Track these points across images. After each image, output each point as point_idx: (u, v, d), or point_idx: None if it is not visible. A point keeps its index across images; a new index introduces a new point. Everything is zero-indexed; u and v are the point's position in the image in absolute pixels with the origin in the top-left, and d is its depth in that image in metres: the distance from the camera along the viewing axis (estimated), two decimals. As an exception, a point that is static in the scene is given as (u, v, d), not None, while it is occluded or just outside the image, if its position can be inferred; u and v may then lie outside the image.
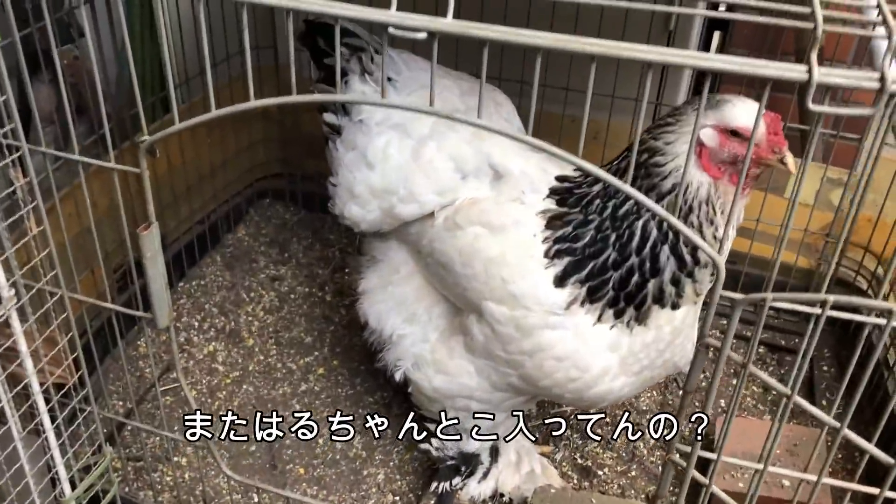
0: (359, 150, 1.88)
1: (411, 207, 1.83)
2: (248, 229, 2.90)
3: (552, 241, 1.64)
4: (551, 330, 1.64)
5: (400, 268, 1.94)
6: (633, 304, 1.60)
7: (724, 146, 1.49)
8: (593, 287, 1.61)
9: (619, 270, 1.58)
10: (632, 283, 1.58)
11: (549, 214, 1.67)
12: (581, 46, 1.00)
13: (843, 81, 0.95)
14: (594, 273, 1.60)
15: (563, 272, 1.62)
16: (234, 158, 2.74)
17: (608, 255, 1.59)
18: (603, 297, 1.61)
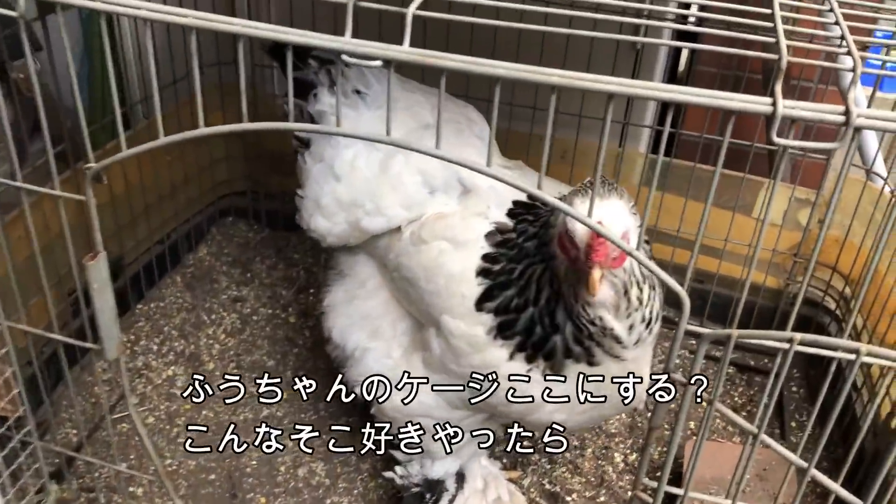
0: (326, 161, 1.86)
1: (378, 221, 1.80)
2: (210, 249, 2.83)
3: (481, 258, 1.61)
4: (498, 349, 1.60)
5: (366, 282, 1.91)
6: (541, 354, 1.55)
7: (562, 239, 1.44)
8: (503, 324, 1.57)
9: (524, 316, 1.54)
10: (536, 333, 1.54)
11: (496, 227, 1.63)
12: (541, 77, 0.97)
13: (808, 115, 0.93)
14: (500, 309, 1.57)
15: (481, 295, 1.59)
16: (195, 176, 2.67)
17: (512, 295, 1.55)
18: (512, 338, 1.57)
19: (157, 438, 2.18)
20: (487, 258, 1.60)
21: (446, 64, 0.99)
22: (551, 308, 1.50)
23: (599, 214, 1.34)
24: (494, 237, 1.64)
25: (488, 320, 1.59)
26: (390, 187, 1.78)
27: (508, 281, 1.56)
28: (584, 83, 0.96)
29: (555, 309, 1.50)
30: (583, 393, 1.57)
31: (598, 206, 1.35)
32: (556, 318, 1.51)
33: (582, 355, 1.52)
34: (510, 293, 1.55)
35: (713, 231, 2.44)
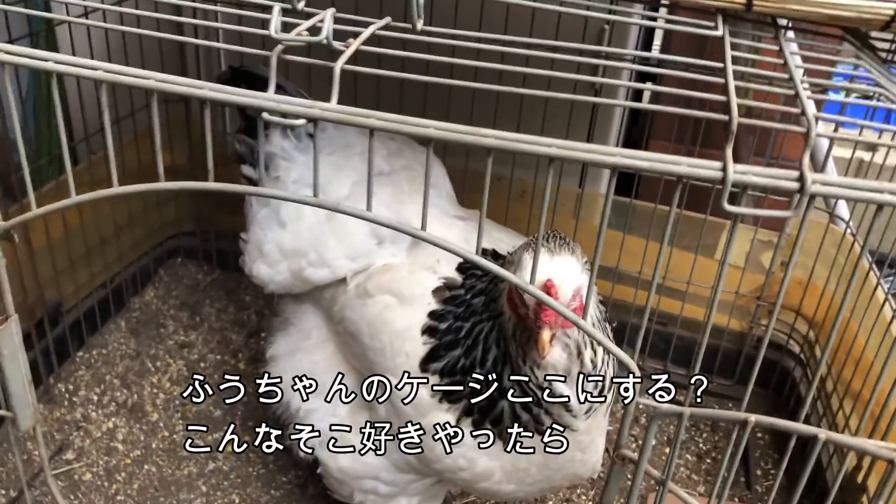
0: (272, 207, 1.78)
1: (322, 272, 1.72)
2: (158, 291, 2.71)
3: (427, 314, 1.52)
4: (444, 413, 1.51)
5: (311, 333, 1.82)
6: (488, 420, 1.46)
7: (511, 296, 1.37)
8: (448, 387, 1.48)
9: (470, 378, 1.45)
10: (483, 396, 1.44)
11: (444, 282, 1.56)
12: (477, 139, 0.90)
13: (759, 181, 0.86)
14: (447, 370, 1.48)
15: (426, 355, 1.51)
16: (141, 216, 2.57)
17: (458, 355, 1.47)
18: (458, 402, 1.47)
19: (95, 496, 2.05)
20: (434, 315, 1.52)
21: (372, 123, 0.91)
22: (498, 371, 1.42)
23: (550, 272, 1.27)
24: (442, 293, 1.56)
25: (434, 381, 1.50)
26: (336, 237, 1.70)
27: (455, 340, 1.47)
28: (521, 145, 0.89)
29: (502, 372, 1.42)
30: (532, 464, 1.49)
31: (549, 264, 1.28)
32: (502, 381, 1.42)
33: (530, 423, 1.43)
34: (456, 353, 1.46)
35: (676, 273, 2.38)
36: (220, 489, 2.11)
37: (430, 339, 1.52)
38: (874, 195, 0.85)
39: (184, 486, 2.11)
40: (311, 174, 1.73)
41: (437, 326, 1.51)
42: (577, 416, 1.42)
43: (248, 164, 1.85)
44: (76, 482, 2.08)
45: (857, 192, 0.85)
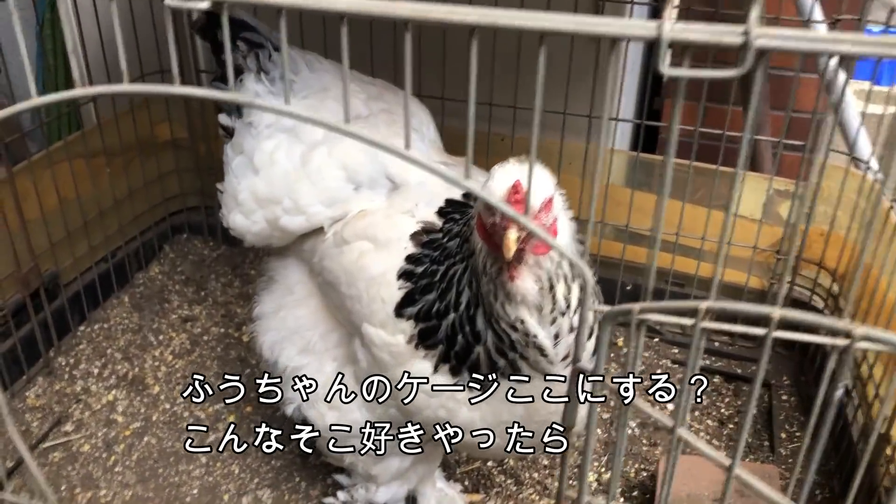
0: (246, 154, 1.74)
1: (297, 220, 1.66)
2: (163, 267, 2.69)
3: (405, 258, 1.45)
4: (421, 361, 1.44)
5: (294, 288, 1.76)
6: (466, 366, 1.38)
7: (482, 216, 1.26)
8: (424, 331, 1.40)
9: (445, 322, 1.37)
10: (458, 342, 1.36)
11: (422, 226, 1.48)
12: (387, 9, 0.81)
13: (699, 37, 0.76)
14: (422, 315, 1.40)
15: (402, 300, 1.43)
16: (142, 190, 2.54)
17: (434, 299, 1.39)
18: (435, 346, 1.39)
19: (93, 468, 2.02)
20: (410, 259, 1.45)
21: (282, 1, 0.84)
22: (471, 314, 1.34)
23: (517, 175, 1.19)
24: (420, 237, 1.48)
25: (408, 328, 1.42)
26: (310, 182, 1.64)
27: (430, 284, 1.40)
28: (441, 15, 0.81)
29: (475, 314, 1.33)
30: (514, 416, 1.40)
31: (517, 170, 1.21)
32: (476, 324, 1.33)
33: (507, 369, 1.34)
34: (431, 297, 1.39)
35: (690, 230, 2.26)
36: (219, 460, 2.07)
37: (405, 284, 1.44)
38: (830, 45, 0.75)
39: (183, 457, 2.07)
40: (284, 119, 1.70)
41: (412, 270, 1.44)
42: (553, 363, 1.32)
43: (224, 112, 1.80)
44: (74, 454, 2.05)
45: (808, 43, 0.75)
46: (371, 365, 1.53)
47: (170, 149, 2.60)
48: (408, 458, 1.69)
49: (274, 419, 2.15)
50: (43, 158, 2.14)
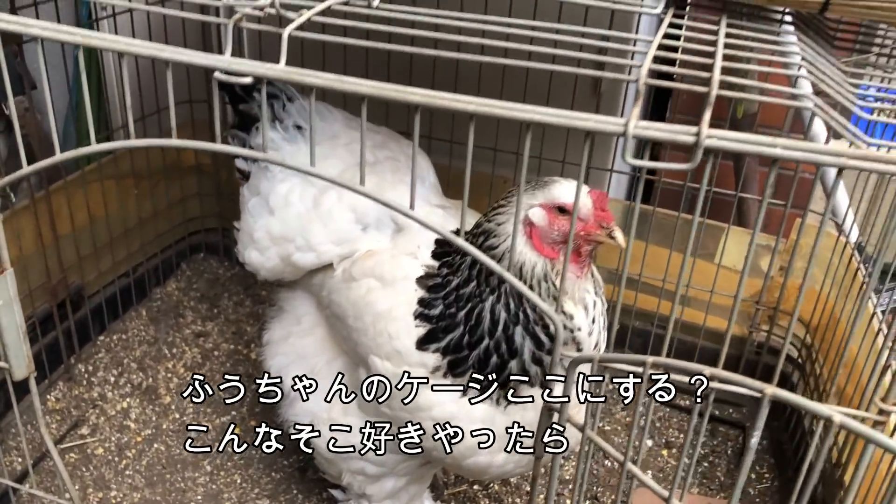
0: (262, 195, 1.87)
1: (309, 256, 1.80)
2: (179, 283, 2.85)
3: (416, 302, 1.59)
4: (430, 390, 1.58)
5: (302, 318, 1.90)
6: (497, 382, 1.53)
7: (553, 224, 1.47)
8: (453, 361, 1.54)
9: (476, 350, 1.52)
10: (491, 363, 1.51)
11: (426, 270, 1.62)
12: (402, 95, 0.98)
13: (658, 135, 0.92)
14: (450, 348, 1.54)
15: (424, 337, 1.57)
16: (164, 211, 2.71)
17: (461, 334, 1.53)
18: (464, 372, 1.54)
19: (105, 470, 2.16)
20: (423, 303, 1.58)
21: (314, 81, 1.00)
22: (510, 333, 1.49)
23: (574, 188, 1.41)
24: (425, 282, 1.61)
25: (432, 360, 1.55)
26: (321, 223, 1.78)
27: (452, 325, 1.53)
28: (446, 102, 0.97)
29: (513, 333, 1.48)
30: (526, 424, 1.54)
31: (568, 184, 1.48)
32: (514, 341, 1.48)
33: (538, 376, 1.50)
34: (457, 333, 1.52)
35: (676, 277, 2.41)
36: (223, 469, 2.21)
37: (423, 324, 1.57)
38: (765, 149, 0.90)
39: (189, 464, 2.21)
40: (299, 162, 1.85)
41: (427, 314, 1.57)
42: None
43: (241, 157, 1.94)
44: (88, 455, 2.20)
45: (749, 145, 0.91)
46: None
47: (193, 174, 2.77)
48: (403, 478, 1.82)
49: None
50: (77, 179, 2.31)
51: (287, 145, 1.89)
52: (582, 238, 1.45)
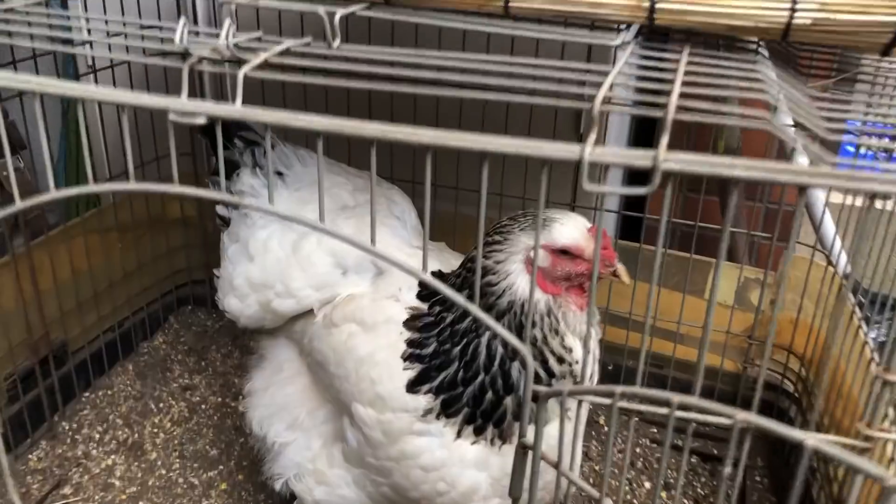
0: (241, 242, 1.87)
1: (288, 302, 1.78)
2: (167, 337, 2.82)
3: (406, 342, 1.58)
4: (417, 437, 1.55)
5: (284, 366, 1.87)
6: (492, 422, 1.52)
7: (556, 265, 1.49)
8: (447, 401, 1.53)
9: (471, 387, 1.51)
10: (486, 400, 1.50)
11: (411, 312, 1.61)
12: (358, 130, 0.96)
13: (616, 160, 0.91)
14: (444, 386, 1.53)
15: (415, 378, 1.55)
16: (150, 264, 2.69)
17: (455, 370, 1.52)
18: (458, 412, 1.52)
19: (89, 531, 2.11)
20: (413, 344, 1.57)
21: (267, 119, 0.99)
22: (506, 368, 1.48)
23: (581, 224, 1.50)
24: (413, 323, 1.60)
25: (425, 402, 1.53)
26: (301, 268, 1.77)
27: (446, 361, 1.52)
28: (401, 136, 0.95)
29: (510, 368, 1.48)
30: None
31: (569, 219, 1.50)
32: (510, 376, 1.48)
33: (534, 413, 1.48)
34: (451, 370, 1.51)
35: (666, 314, 2.38)
36: (209, 526, 2.15)
37: (413, 365, 1.55)
38: (724, 170, 0.89)
39: (176, 522, 2.16)
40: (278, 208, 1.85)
41: (419, 353, 1.56)
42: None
43: (221, 204, 1.94)
44: (72, 518, 2.15)
45: (708, 167, 0.89)
46: (361, 444, 1.62)
47: (179, 226, 2.76)
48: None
49: (265, 487, 2.25)
50: (60, 233, 2.30)
51: (265, 191, 1.88)
52: (586, 276, 1.47)
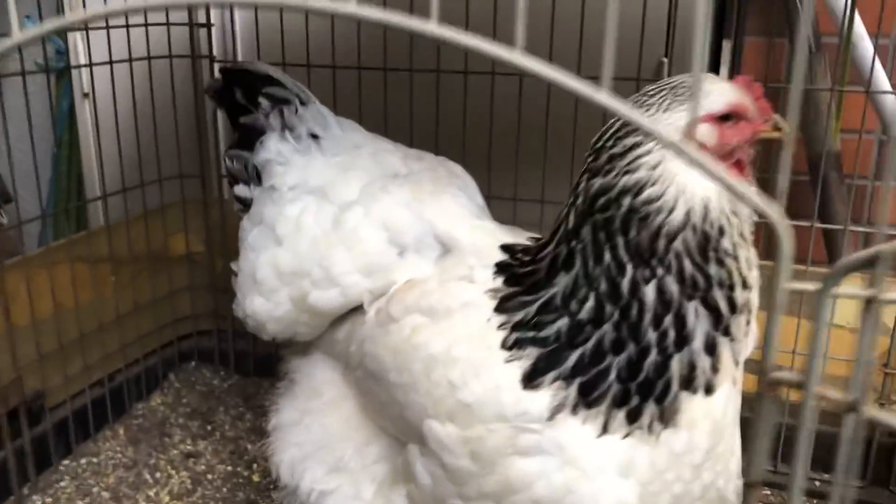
0: (266, 222, 1.50)
1: (330, 294, 1.39)
2: (166, 397, 2.36)
3: (510, 327, 1.17)
4: (525, 457, 1.11)
5: (323, 390, 1.46)
6: (653, 397, 1.10)
7: (724, 137, 1.15)
8: (586, 383, 1.11)
9: (625, 352, 1.10)
10: (646, 365, 1.09)
11: (499, 294, 1.22)
12: None
13: None
14: (583, 364, 1.11)
15: (532, 368, 1.13)
16: (149, 307, 2.27)
17: (602, 336, 1.11)
18: (605, 395, 1.10)
19: None
20: (522, 325, 1.16)
21: None
22: (682, 312, 1.09)
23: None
24: (507, 304, 1.20)
25: (547, 399, 1.11)
26: (345, 247, 1.39)
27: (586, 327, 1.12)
28: None
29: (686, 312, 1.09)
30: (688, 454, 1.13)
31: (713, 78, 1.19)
32: (685, 324, 1.09)
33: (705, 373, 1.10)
34: (596, 337, 1.11)
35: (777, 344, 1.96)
36: None
37: (524, 351, 1.15)
38: None
39: None
40: (311, 177, 1.49)
41: (535, 336, 1.15)
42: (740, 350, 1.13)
43: (241, 182, 1.59)
44: None
45: None
46: (440, 480, 1.19)
47: (184, 263, 2.36)
48: None
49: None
50: (40, 256, 1.90)
51: (299, 157, 1.53)
52: (745, 146, 1.16)
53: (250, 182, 1.56)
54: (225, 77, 1.60)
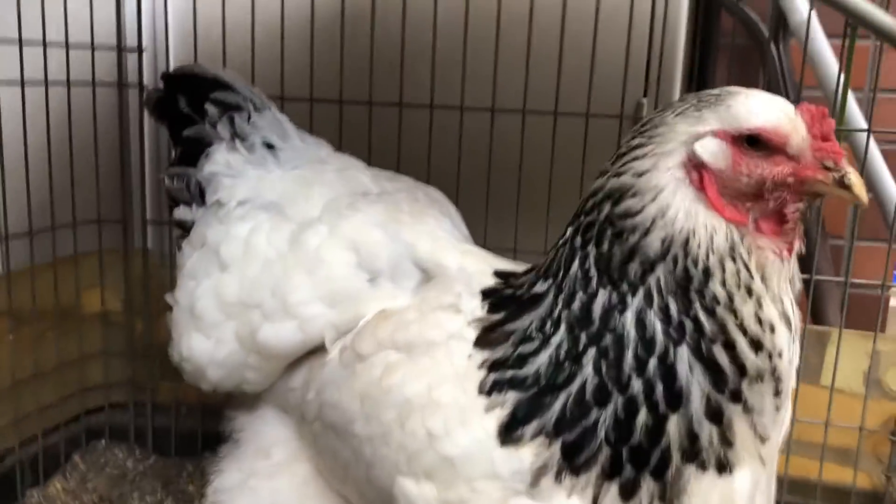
0: (209, 244, 1.31)
1: (285, 329, 1.19)
2: (68, 483, 2.00)
3: (487, 367, 1.00)
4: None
5: (272, 450, 1.24)
6: (649, 469, 0.94)
7: (739, 165, 0.95)
8: (572, 444, 0.94)
9: (611, 403, 0.94)
10: (637, 425, 0.94)
11: (481, 325, 1.05)
12: None
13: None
14: (566, 418, 0.95)
15: (510, 418, 0.97)
16: (53, 374, 1.94)
17: (584, 382, 0.96)
18: (594, 460, 0.94)
19: None
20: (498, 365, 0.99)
21: None
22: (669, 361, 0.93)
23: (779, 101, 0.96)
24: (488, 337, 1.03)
25: (529, 457, 0.94)
26: (304, 271, 1.21)
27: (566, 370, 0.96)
28: None
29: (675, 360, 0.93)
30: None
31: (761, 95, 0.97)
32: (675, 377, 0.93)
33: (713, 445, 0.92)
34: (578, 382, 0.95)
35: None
36: None
37: (503, 396, 0.98)
38: None
39: None
40: (265, 191, 1.27)
41: (513, 377, 0.98)
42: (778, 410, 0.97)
43: (182, 203, 1.36)
44: None
45: None
46: None
47: (97, 323, 2.05)
48: None
49: None
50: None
51: (251, 169, 1.35)
52: (793, 188, 0.94)
53: (192, 202, 1.35)
54: (168, 84, 1.42)
